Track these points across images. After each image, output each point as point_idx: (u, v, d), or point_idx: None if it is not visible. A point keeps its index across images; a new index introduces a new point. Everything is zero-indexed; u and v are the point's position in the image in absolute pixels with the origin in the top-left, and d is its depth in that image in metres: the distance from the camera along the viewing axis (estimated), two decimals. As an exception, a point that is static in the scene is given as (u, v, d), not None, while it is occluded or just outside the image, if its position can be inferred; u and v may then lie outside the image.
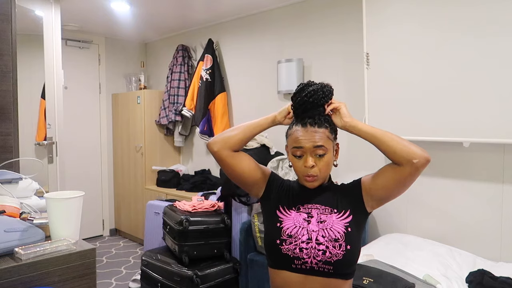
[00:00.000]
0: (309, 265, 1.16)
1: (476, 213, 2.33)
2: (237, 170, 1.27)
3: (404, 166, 1.12)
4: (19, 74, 2.05)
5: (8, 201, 1.40)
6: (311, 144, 1.16)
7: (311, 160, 1.17)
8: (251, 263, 2.70)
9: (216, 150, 1.26)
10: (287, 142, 1.24)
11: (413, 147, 1.12)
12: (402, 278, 1.76)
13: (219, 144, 1.26)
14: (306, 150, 1.17)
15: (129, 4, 3.32)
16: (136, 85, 4.47)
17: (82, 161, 4.37)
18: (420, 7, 2.27)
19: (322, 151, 1.17)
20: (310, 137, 1.17)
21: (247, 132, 1.27)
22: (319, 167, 1.18)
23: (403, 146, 1.12)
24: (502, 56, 2.01)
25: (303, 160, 1.19)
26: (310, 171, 1.17)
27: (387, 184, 1.17)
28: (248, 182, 1.29)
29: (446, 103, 2.21)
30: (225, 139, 1.26)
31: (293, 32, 3.23)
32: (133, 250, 4.13)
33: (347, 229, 1.18)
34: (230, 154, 1.26)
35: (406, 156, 1.11)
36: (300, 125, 1.19)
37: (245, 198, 2.83)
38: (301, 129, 1.19)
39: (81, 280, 1.20)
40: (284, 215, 1.24)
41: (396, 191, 1.18)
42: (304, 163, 1.18)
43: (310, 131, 1.17)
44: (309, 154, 1.17)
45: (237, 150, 1.28)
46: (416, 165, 1.11)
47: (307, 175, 1.19)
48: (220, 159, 1.27)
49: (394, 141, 1.14)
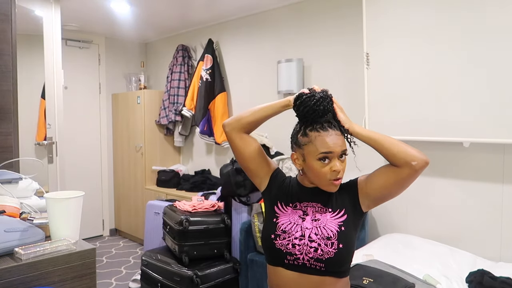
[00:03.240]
0: (301, 262, 1.17)
1: (476, 213, 2.33)
2: (244, 153, 1.29)
3: (403, 168, 1.13)
4: (19, 74, 2.05)
5: (8, 201, 1.40)
6: (339, 148, 1.16)
7: (339, 163, 1.17)
8: (251, 263, 2.70)
9: (227, 130, 1.30)
10: (304, 149, 1.19)
11: (412, 150, 1.13)
12: (402, 278, 1.76)
13: (232, 125, 1.29)
14: (334, 155, 1.16)
15: (129, 4, 3.32)
16: (136, 85, 4.47)
17: (82, 161, 4.37)
18: (420, 7, 2.27)
19: (344, 153, 1.18)
20: (337, 141, 1.17)
21: (259, 113, 1.27)
22: (343, 169, 1.19)
23: (402, 149, 1.13)
24: (502, 56, 2.01)
25: (330, 164, 1.17)
26: (338, 174, 1.17)
27: (385, 184, 1.18)
28: (251, 168, 1.31)
29: (446, 103, 2.21)
30: (238, 120, 1.29)
31: (293, 32, 3.23)
32: (133, 250, 4.13)
33: (340, 228, 1.19)
34: (239, 136, 1.29)
35: (405, 158, 1.12)
36: (321, 130, 1.17)
37: (245, 198, 2.83)
38: (325, 133, 1.17)
39: (81, 280, 1.20)
40: (281, 211, 1.27)
41: (394, 192, 1.19)
42: (332, 167, 1.16)
43: (335, 134, 1.17)
44: (336, 158, 1.17)
45: (248, 132, 1.30)
46: (415, 167, 1.12)
47: (335, 179, 1.18)
48: (230, 139, 1.30)
49: (393, 144, 1.15)
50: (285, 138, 1.31)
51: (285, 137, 1.32)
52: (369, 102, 2.51)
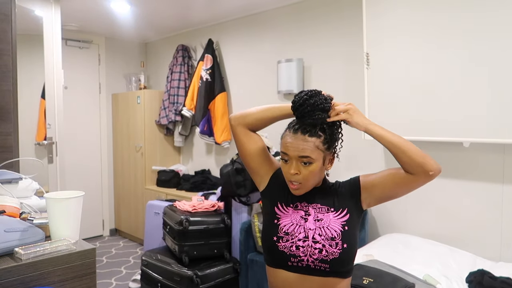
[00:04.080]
0: (305, 263, 1.16)
1: (476, 213, 2.33)
2: (246, 149, 1.29)
3: (418, 175, 1.13)
4: (19, 74, 2.04)
5: (8, 201, 1.40)
6: (296, 153, 1.15)
7: (294, 167, 1.16)
8: (251, 263, 2.70)
9: (232, 124, 1.30)
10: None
11: (429, 159, 1.13)
12: (402, 278, 1.76)
13: (238, 119, 1.29)
14: (291, 157, 1.17)
15: (129, 4, 3.32)
16: (136, 85, 4.47)
17: (82, 161, 4.37)
18: (420, 7, 2.27)
19: (307, 160, 1.15)
20: (297, 145, 1.15)
21: (265, 113, 1.27)
22: (303, 175, 1.16)
23: (421, 157, 1.12)
24: (503, 56, 2.01)
25: (288, 165, 1.18)
26: (292, 177, 1.17)
27: (393, 187, 1.18)
28: (251, 165, 1.31)
29: (446, 103, 2.21)
30: (244, 115, 1.28)
31: (293, 32, 3.23)
32: (133, 250, 4.13)
33: (344, 227, 1.18)
34: (244, 131, 1.28)
35: (423, 167, 1.12)
36: (292, 130, 1.18)
37: (245, 198, 2.83)
38: (291, 135, 1.17)
39: (81, 280, 1.20)
40: (282, 212, 1.25)
41: (400, 194, 1.21)
42: (289, 169, 1.17)
43: (300, 139, 1.15)
44: (294, 161, 1.16)
45: (253, 130, 1.30)
46: (432, 176, 1.13)
47: (290, 181, 1.19)
48: (235, 134, 1.30)
49: (412, 152, 1.13)
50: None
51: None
52: (369, 102, 2.51)
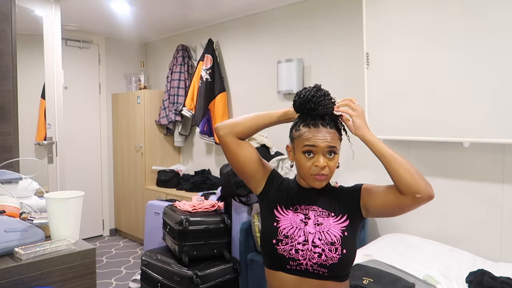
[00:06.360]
0: (304, 267, 1.16)
1: (476, 213, 2.33)
2: (238, 158, 1.26)
3: (406, 196, 1.11)
4: (19, 74, 2.05)
5: (8, 201, 1.40)
6: (325, 144, 1.15)
7: (323, 159, 1.16)
8: (251, 263, 2.70)
9: (221, 134, 1.25)
10: (295, 142, 1.21)
11: (420, 180, 1.09)
12: (402, 278, 1.76)
13: (227, 129, 1.25)
14: (318, 150, 1.15)
15: (129, 4, 3.32)
16: (136, 85, 4.47)
17: (82, 161, 4.37)
18: (420, 7, 2.27)
19: (333, 150, 1.16)
20: (325, 137, 1.15)
21: (255, 121, 1.25)
22: (330, 166, 1.17)
23: (410, 176, 1.09)
24: (503, 56, 2.01)
25: (314, 159, 1.16)
26: (321, 170, 1.16)
27: (386, 204, 1.16)
28: (248, 172, 1.28)
29: (446, 103, 2.21)
30: (233, 125, 1.25)
31: (293, 32, 3.23)
32: (133, 250, 4.13)
33: (343, 233, 1.18)
34: (234, 141, 1.25)
35: (410, 187, 1.09)
36: (311, 126, 1.17)
37: (245, 198, 2.83)
38: (314, 129, 1.16)
39: (81, 280, 1.20)
40: (282, 214, 1.24)
41: (392, 214, 1.19)
42: (315, 162, 1.16)
43: (324, 131, 1.16)
44: (321, 154, 1.16)
45: (243, 138, 1.27)
46: (418, 200, 1.09)
47: (317, 174, 1.17)
48: (225, 144, 1.26)
49: (402, 168, 1.11)
50: (285, 138, 1.30)
51: (285, 137, 1.31)
52: (369, 102, 2.50)
